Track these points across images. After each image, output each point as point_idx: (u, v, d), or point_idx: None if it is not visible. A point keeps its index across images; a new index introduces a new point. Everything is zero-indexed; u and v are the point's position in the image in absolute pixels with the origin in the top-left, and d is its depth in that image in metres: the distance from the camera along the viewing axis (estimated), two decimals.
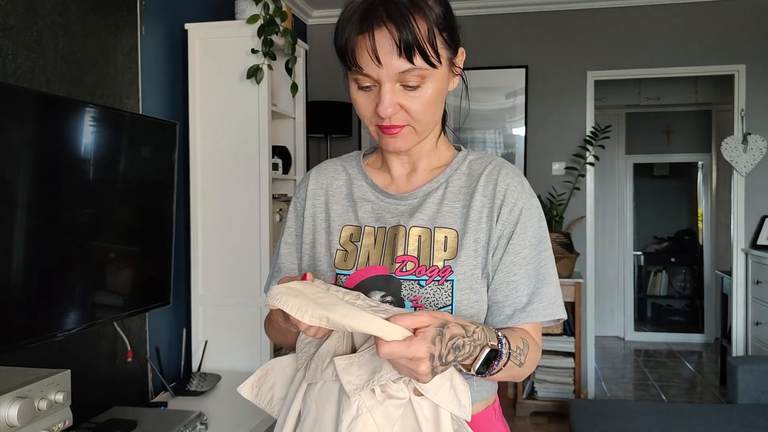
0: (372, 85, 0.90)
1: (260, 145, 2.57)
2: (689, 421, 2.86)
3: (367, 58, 0.87)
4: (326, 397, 0.89)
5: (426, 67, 0.88)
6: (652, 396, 4.48)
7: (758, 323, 3.85)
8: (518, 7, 4.13)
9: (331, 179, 1.06)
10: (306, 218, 1.06)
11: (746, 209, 4.00)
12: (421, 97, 0.90)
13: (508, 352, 0.87)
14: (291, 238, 1.08)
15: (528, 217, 0.97)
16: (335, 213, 1.03)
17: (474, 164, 1.02)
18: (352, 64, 0.89)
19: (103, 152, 1.77)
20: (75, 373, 1.50)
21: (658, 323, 6.52)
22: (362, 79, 0.90)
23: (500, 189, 0.97)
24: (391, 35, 0.86)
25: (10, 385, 1.25)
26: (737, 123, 3.98)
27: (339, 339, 0.90)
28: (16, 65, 1.77)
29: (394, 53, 0.86)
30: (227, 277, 2.60)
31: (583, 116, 4.13)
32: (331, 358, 0.88)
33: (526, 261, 0.96)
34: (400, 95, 0.90)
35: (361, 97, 0.92)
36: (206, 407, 2.17)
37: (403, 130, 0.93)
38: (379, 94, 0.89)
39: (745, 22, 3.93)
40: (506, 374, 0.90)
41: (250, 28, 2.54)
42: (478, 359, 0.83)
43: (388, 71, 0.87)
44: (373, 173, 1.06)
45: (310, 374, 0.91)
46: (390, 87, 0.88)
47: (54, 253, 1.61)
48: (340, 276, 0.98)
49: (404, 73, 0.87)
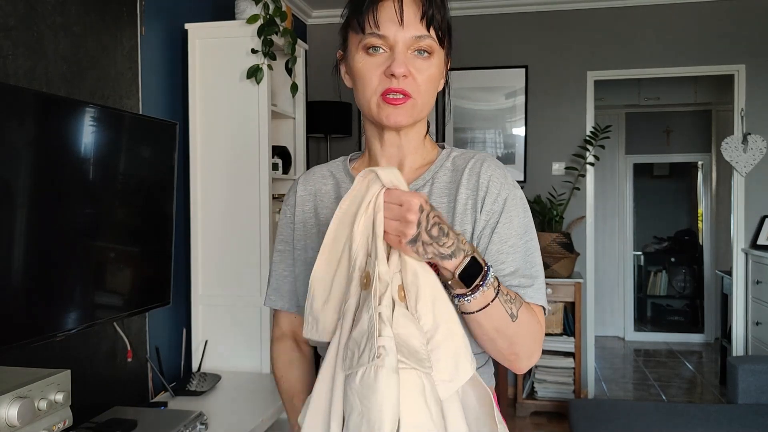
0: (383, 50, 0.94)
1: (260, 145, 2.57)
2: (689, 421, 2.86)
3: (390, 17, 0.92)
4: (370, 384, 0.80)
5: (436, 39, 0.95)
6: (652, 396, 4.48)
7: (758, 323, 3.85)
8: (518, 7, 4.13)
9: (320, 185, 1.09)
10: (296, 224, 1.08)
11: (746, 209, 4.00)
12: (428, 69, 0.95)
13: (495, 286, 0.88)
14: (282, 245, 1.10)
15: (512, 207, 0.98)
16: (324, 216, 1.05)
17: (458, 160, 1.04)
18: (372, 26, 0.93)
19: (103, 152, 1.77)
20: (75, 373, 1.50)
21: (658, 323, 6.52)
22: (375, 41, 0.94)
23: (483, 180, 0.99)
24: (419, 1, 0.93)
25: (10, 385, 1.25)
26: (737, 123, 3.98)
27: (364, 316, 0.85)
28: (17, 65, 1.77)
29: (417, 18, 0.93)
30: (227, 277, 2.60)
31: (583, 116, 4.13)
32: (368, 335, 0.81)
33: (513, 249, 0.97)
34: (410, 62, 0.94)
35: (369, 63, 0.95)
36: (206, 407, 2.17)
37: (407, 102, 0.95)
38: (392, 56, 0.93)
39: (745, 22, 3.93)
40: (497, 324, 0.89)
41: (250, 28, 2.54)
42: (461, 264, 0.85)
43: (406, 34, 0.93)
44: None
45: (347, 364, 0.83)
46: (404, 49, 0.94)
47: (54, 253, 1.61)
48: None
49: (419, 38, 0.93)
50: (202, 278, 2.62)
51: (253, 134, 2.57)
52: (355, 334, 0.83)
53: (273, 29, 2.54)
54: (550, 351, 3.92)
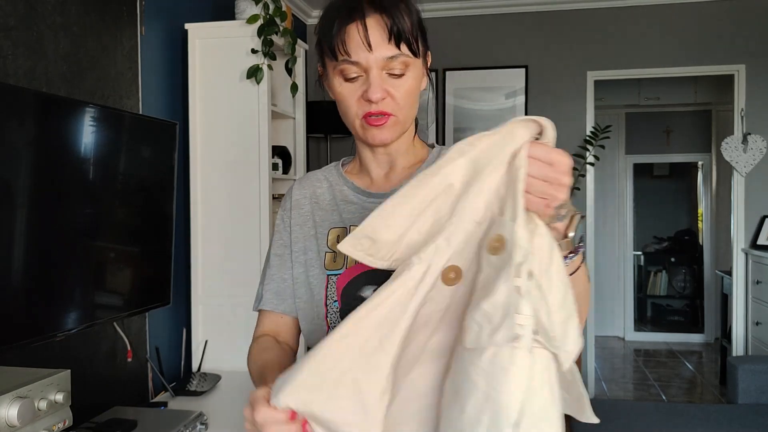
0: (358, 75, 0.95)
1: (260, 145, 2.57)
2: (689, 421, 2.86)
3: (358, 43, 0.92)
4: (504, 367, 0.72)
5: (410, 55, 0.94)
6: (652, 396, 4.48)
7: (758, 323, 3.85)
8: (518, 7, 4.13)
9: (314, 188, 1.11)
10: (293, 227, 1.09)
11: (746, 209, 4.00)
12: (405, 85, 0.96)
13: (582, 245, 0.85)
14: (281, 249, 1.10)
15: None
16: (321, 218, 1.07)
17: None
18: (342, 53, 0.93)
19: (103, 152, 1.77)
20: (75, 373, 1.50)
21: (658, 323, 6.52)
22: (349, 69, 0.94)
23: None
24: (383, 21, 0.92)
25: (10, 385, 1.25)
26: (737, 123, 3.98)
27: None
28: (17, 65, 1.77)
29: (384, 39, 0.92)
30: (227, 277, 2.60)
31: (583, 116, 4.13)
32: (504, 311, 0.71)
33: None
34: (386, 82, 0.94)
35: (347, 89, 0.96)
36: (206, 407, 2.17)
37: (389, 121, 0.97)
38: (367, 81, 0.94)
39: (745, 22, 3.93)
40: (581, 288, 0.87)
41: (250, 28, 2.54)
42: (572, 224, 0.80)
43: (377, 56, 0.92)
44: (353, 178, 1.09)
45: (472, 338, 0.74)
46: (378, 72, 0.94)
47: (54, 253, 1.60)
48: (330, 277, 1.01)
49: (391, 59, 0.93)
50: (202, 278, 2.62)
51: (253, 134, 2.57)
52: (486, 306, 0.74)
53: (273, 29, 2.54)
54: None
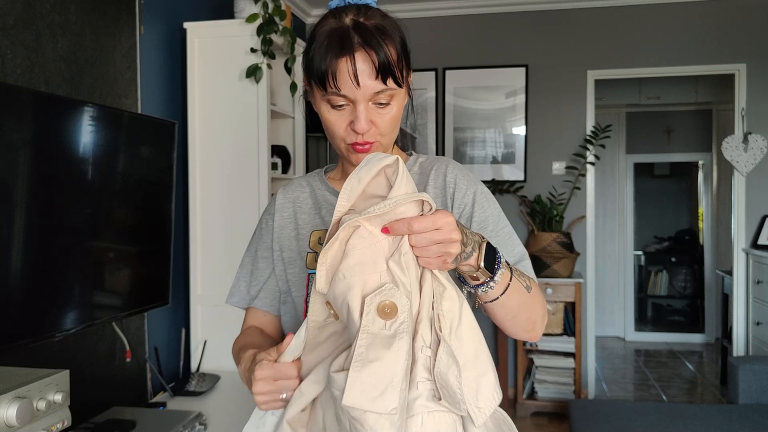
0: (345, 104, 0.98)
1: (259, 144, 2.57)
2: (690, 422, 2.86)
3: (346, 78, 0.94)
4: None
5: (395, 87, 0.98)
6: (653, 396, 4.48)
7: (759, 323, 3.84)
8: (518, 6, 4.13)
9: (297, 193, 1.16)
10: (275, 230, 1.14)
11: (747, 209, 3.99)
12: (390, 113, 0.99)
13: (507, 263, 0.90)
14: (267, 252, 1.16)
15: (482, 199, 1.06)
16: (303, 221, 1.12)
17: (424, 164, 1.11)
18: (332, 86, 0.96)
19: (102, 152, 1.77)
20: (74, 373, 1.49)
21: (658, 323, 6.52)
22: (337, 99, 0.97)
23: (450, 179, 1.06)
24: (370, 59, 0.94)
25: (8, 385, 1.25)
26: (738, 122, 3.97)
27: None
28: (15, 65, 1.76)
29: (372, 75, 0.95)
30: (226, 277, 2.60)
31: (584, 115, 4.13)
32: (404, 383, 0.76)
33: (494, 234, 1.04)
34: (372, 113, 0.98)
35: (334, 116, 0.99)
36: (205, 407, 2.16)
37: (373, 147, 1.01)
38: (354, 112, 0.97)
39: (746, 22, 3.93)
40: (518, 300, 0.92)
41: (249, 27, 2.53)
42: (480, 254, 0.85)
43: (365, 92, 0.95)
44: (335, 184, 1.14)
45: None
46: (365, 105, 0.97)
47: (53, 253, 1.60)
48: (312, 276, 1.06)
49: (378, 93, 0.96)
50: (201, 278, 2.62)
51: (252, 134, 2.57)
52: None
53: (272, 28, 2.54)
54: (551, 351, 3.92)
